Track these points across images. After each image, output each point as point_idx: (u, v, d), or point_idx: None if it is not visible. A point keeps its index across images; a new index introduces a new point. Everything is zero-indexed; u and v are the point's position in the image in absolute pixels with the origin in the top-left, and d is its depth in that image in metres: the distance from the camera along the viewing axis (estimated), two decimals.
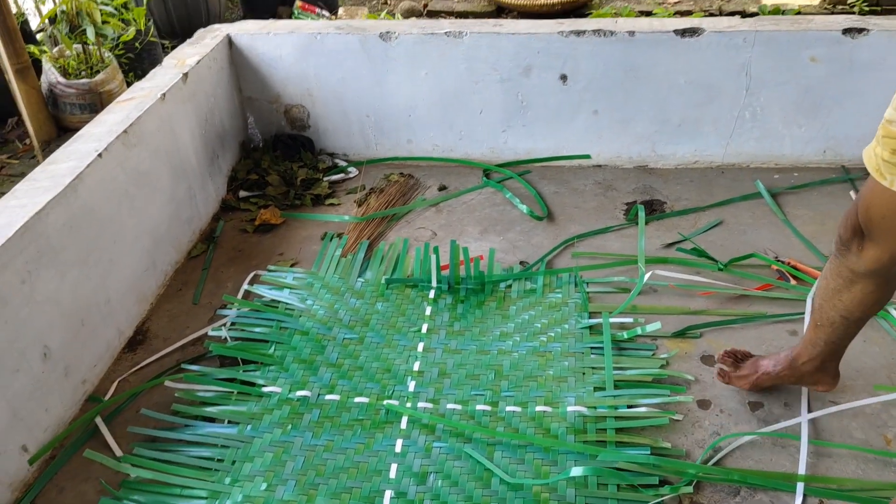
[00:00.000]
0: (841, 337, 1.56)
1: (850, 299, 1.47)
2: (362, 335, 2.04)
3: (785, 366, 1.67)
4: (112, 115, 2.18)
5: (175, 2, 3.96)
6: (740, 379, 1.75)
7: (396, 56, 2.66)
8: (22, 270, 1.67)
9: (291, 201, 2.66)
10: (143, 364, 2.00)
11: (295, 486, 1.62)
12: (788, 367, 1.67)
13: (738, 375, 1.76)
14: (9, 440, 1.64)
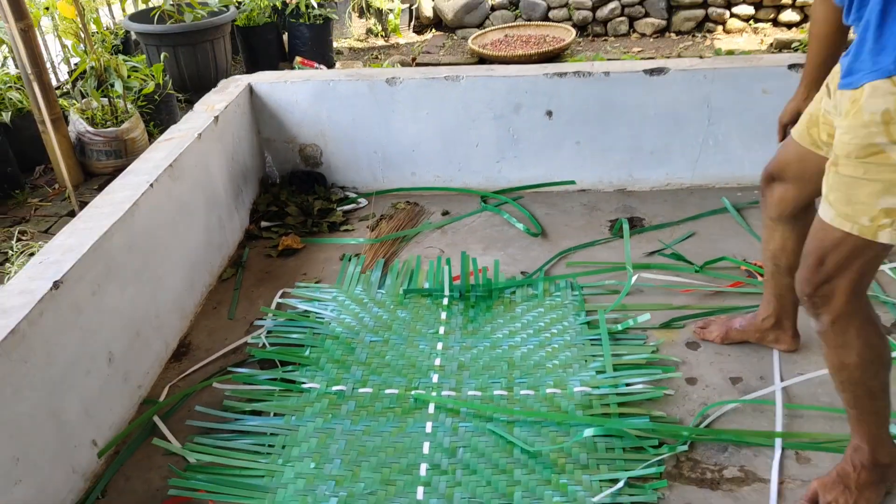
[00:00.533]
0: (783, 288, 1.86)
1: (774, 247, 1.81)
2: (387, 338, 2.23)
3: (749, 323, 1.94)
4: (156, 153, 2.39)
5: (187, 60, 4.22)
6: (712, 333, 2.06)
7: (401, 98, 2.91)
8: (93, 283, 1.86)
9: (309, 229, 2.86)
10: (190, 371, 2.16)
11: (341, 464, 1.79)
12: (751, 324, 1.93)
13: (711, 331, 2.06)
14: (82, 434, 1.79)
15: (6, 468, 1.52)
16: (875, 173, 1.26)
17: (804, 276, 1.44)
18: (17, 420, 1.56)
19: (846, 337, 1.43)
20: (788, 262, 1.81)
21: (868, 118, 1.24)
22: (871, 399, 1.50)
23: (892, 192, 1.26)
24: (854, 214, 1.30)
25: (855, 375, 1.46)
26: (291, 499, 1.69)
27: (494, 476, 1.73)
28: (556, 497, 1.66)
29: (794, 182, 1.71)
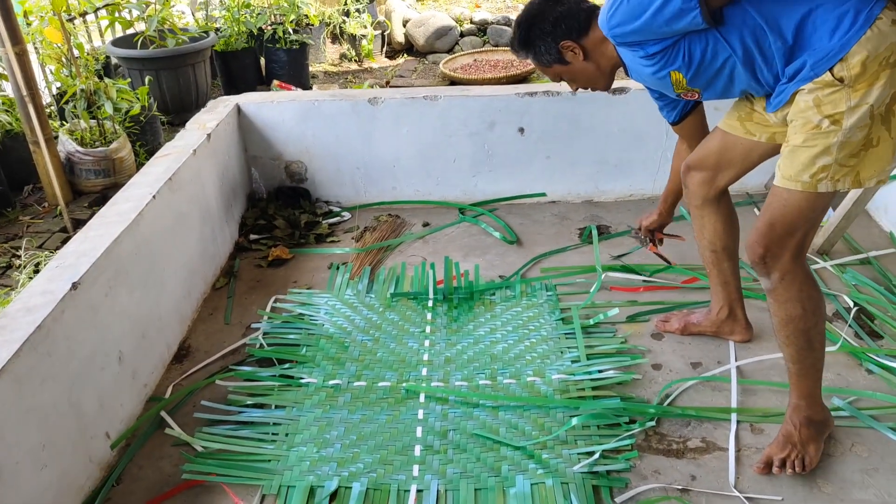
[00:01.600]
0: (727, 275, 2.12)
1: (708, 233, 2.06)
2: (377, 337, 2.39)
3: (704, 318, 2.15)
4: (155, 167, 2.54)
5: (169, 83, 4.36)
6: (672, 325, 2.28)
7: (382, 117, 3.11)
8: (105, 286, 1.99)
9: (297, 241, 3.02)
10: (192, 371, 2.30)
11: (341, 448, 1.94)
12: (707, 319, 2.15)
13: (672, 324, 2.27)
14: (97, 426, 1.92)
15: (34, 453, 1.65)
16: (812, 140, 1.54)
17: (755, 240, 1.68)
18: (43, 409, 1.69)
19: (792, 291, 1.67)
20: (724, 244, 2.08)
21: (803, 105, 1.54)
22: (811, 350, 1.72)
23: (827, 153, 1.53)
24: (797, 174, 1.56)
25: (799, 326, 1.69)
26: (297, 479, 1.84)
27: (483, 453, 1.90)
28: (539, 470, 1.84)
29: (712, 169, 1.98)
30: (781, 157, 1.63)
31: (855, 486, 1.75)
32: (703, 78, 1.68)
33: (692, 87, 1.72)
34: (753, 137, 1.86)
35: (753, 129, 1.86)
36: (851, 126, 1.49)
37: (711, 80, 1.68)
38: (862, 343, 2.23)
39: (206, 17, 5.39)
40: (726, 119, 1.93)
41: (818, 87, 1.51)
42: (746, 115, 1.86)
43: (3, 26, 2.97)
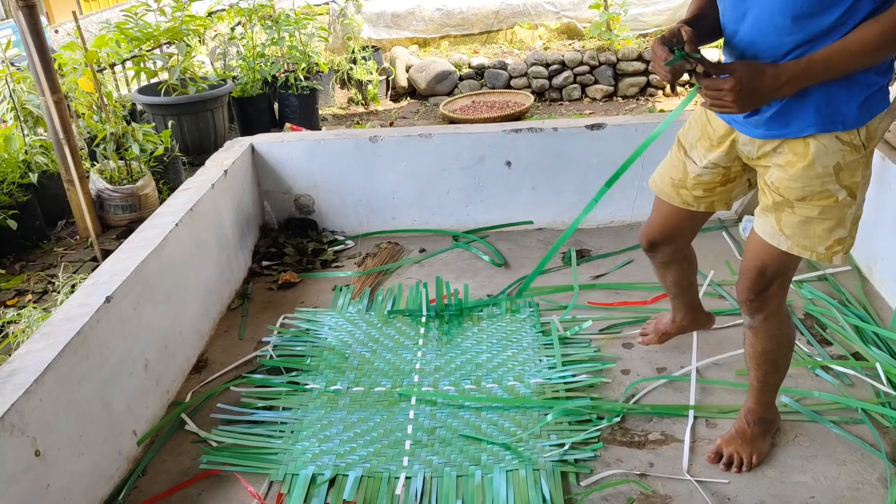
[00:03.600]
0: (688, 297, 2.26)
1: (671, 279, 2.17)
2: (374, 349, 2.62)
3: (670, 323, 2.35)
4: (177, 199, 2.81)
5: (189, 127, 4.68)
6: (651, 339, 2.44)
7: (382, 153, 3.38)
8: (134, 301, 2.24)
9: (305, 266, 3.27)
10: (209, 380, 2.53)
11: (339, 443, 2.16)
12: (673, 325, 2.35)
13: (650, 338, 2.44)
14: (125, 424, 2.15)
15: (73, 442, 1.88)
16: (829, 213, 1.54)
17: (746, 286, 1.72)
18: (80, 403, 1.93)
19: (772, 330, 1.78)
20: (688, 281, 2.20)
21: (822, 171, 1.49)
22: (776, 373, 1.90)
23: (842, 226, 1.56)
24: (812, 245, 1.58)
25: (771, 357, 1.83)
26: (300, 468, 2.05)
27: (466, 446, 2.11)
28: (515, 460, 2.04)
29: (672, 240, 2.00)
30: (781, 214, 1.59)
31: (795, 471, 1.94)
32: None
33: None
34: (691, 208, 1.84)
35: (689, 198, 1.83)
36: (862, 198, 1.54)
37: None
38: (812, 349, 2.43)
39: (223, 67, 5.74)
40: (659, 182, 1.90)
41: (845, 147, 1.47)
42: (680, 180, 1.83)
43: (44, 77, 3.29)
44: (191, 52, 5.03)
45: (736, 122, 1.64)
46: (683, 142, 1.84)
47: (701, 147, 1.77)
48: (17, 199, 3.54)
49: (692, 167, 1.79)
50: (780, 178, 1.56)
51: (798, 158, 1.52)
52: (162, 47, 5.37)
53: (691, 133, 1.80)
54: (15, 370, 1.79)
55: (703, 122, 1.76)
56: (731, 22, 1.54)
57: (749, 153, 1.65)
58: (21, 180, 3.63)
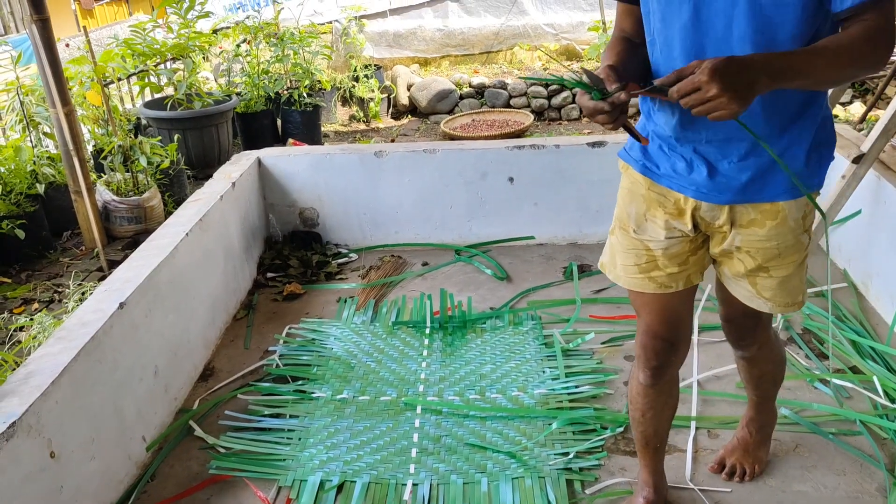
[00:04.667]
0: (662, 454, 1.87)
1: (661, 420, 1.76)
2: (379, 359, 2.65)
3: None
4: (187, 210, 2.85)
5: (194, 141, 4.73)
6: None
7: (387, 168, 3.44)
8: (145, 308, 2.28)
9: (309, 278, 3.31)
10: (216, 388, 2.55)
11: (346, 450, 2.18)
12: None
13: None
14: (135, 430, 2.17)
15: (85, 445, 1.90)
16: (801, 263, 1.49)
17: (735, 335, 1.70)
18: (93, 408, 1.95)
19: (766, 355, 1.80)
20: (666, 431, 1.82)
21: (793, 224, 1.43)
22: (774, 386, 1.91)
23: (806, 268, 1.54)
24: (793, 300, 1.53)
25: (770, 377, 1.86)
26: (309, 473, 2.07)
27: (472, 454, 2.14)
28: (521, 468, 2.07)
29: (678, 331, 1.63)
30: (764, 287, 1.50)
31: (795, 480, 1.97)
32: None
33: None
34: (670, 290, 1.56)
35: (664, 279, 1.55)
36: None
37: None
38: (811, 363, 2.47)
39: (227, 83, 5.82)
40: (624, 274, 1.60)
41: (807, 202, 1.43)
42: (647, 263, 1.55)
43: (56, 90, 3.34)
44: (196, 68, 5.10)
45: (701, 190, 1.42)
46: (626, 223, 1.56)
47: (657, 218, 1.51)
48: (24, 209, 3.57)
49: (655, 244, 1.52)
50: (750, 240, 1.44)
51: (768, 216, 1.42)
52: (167, 63, 5.44)
53: (632, 208, 1.54)
54: (31, 373, 1.82)
55: (643, 192, 1.51)
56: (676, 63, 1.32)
57: (713, 219, 1.46)
58: (28, 191, 3.66)
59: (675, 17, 1.32)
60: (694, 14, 1.29)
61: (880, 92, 5.51)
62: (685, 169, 1.44)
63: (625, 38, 1.51)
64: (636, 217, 1.53)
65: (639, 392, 1.72)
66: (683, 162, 1.44)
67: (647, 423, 1.74)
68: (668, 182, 1.46)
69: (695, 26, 1.29)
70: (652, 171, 1.49)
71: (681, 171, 1.45)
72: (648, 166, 1.50)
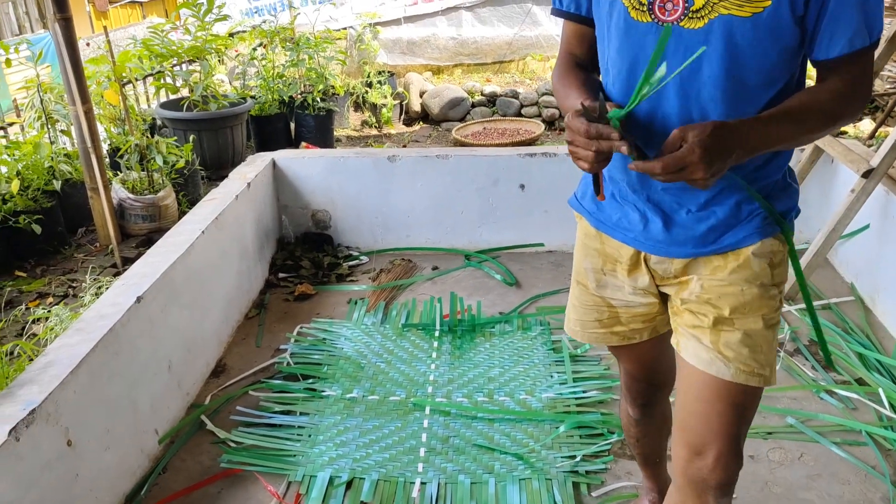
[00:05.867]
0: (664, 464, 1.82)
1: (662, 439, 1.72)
2: (389, 360, 2.68)
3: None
4: (203, 209, 2.89)
5: (209, 142, 4.79)
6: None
7: (399, 173, 3.47)
8: (161, 303, 2.31)
9: (320, 279, 3.34)
10: (227, 384, 2.59)
11: (355, 448, 2.21)
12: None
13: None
14: (148, 423, 2.20)
15: (101, 436, 1.93)
16: (770, 327, 1.25)
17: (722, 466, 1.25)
18: (109, 399, 1.99)
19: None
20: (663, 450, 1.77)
21: (758, 269, 1.23)
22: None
23: (775, 336, 1.28)
24: (759, 367, 1.23)
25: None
26: (319, 469, 2.10)
27: (479, 455, 2.16)
28: (528, 469, 2.10)
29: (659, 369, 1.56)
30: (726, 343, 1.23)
31: (801, 489, 1.99)
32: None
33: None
34: (634, 340, 1.44)
35: (628, 332, 1.44)
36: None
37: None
38: (817, 374, 2.49)
39: (242, 86, 5.88)
40: (581, 330, 1.48)
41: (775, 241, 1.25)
42: (609, 319, 1.43)
43: (76, 88, 3.40)
44: (212, 71, 5.16)
45: (657, 245, 1.28)
46: (584, 279, 1.45)
47: (619, 273, 1.37)
48: (41, 204, 3.62)
49: (618, 301, 1.40)
50: (712, 284, 1.25)
51: (730, 260, 1.25)
52: (183, 65, 5.51)
53: (588, 262, 1.42)
54: (50, 362, 1.85)
55: (598, 245, 1.39)
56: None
57: (665, 272, 1.31)
58: (46, 187, 3.71)
59: (636, 51, 1.16)
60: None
61: (890, 109, 5.53)
62: (639, 221, 1.29)
63: (579, 65, 1.34)
64: (594, 272, 1.41)
65: (630, 423, 1.69)
66: (637, 213, 1.29)
67: (644, 446, 1.74)
68: (621, 236, 1.32)
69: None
70: (604, 224, 1.35)
71: (634, 224, 1.30)
72: (601, 219, 1.36)
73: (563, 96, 1.29)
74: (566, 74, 1.32)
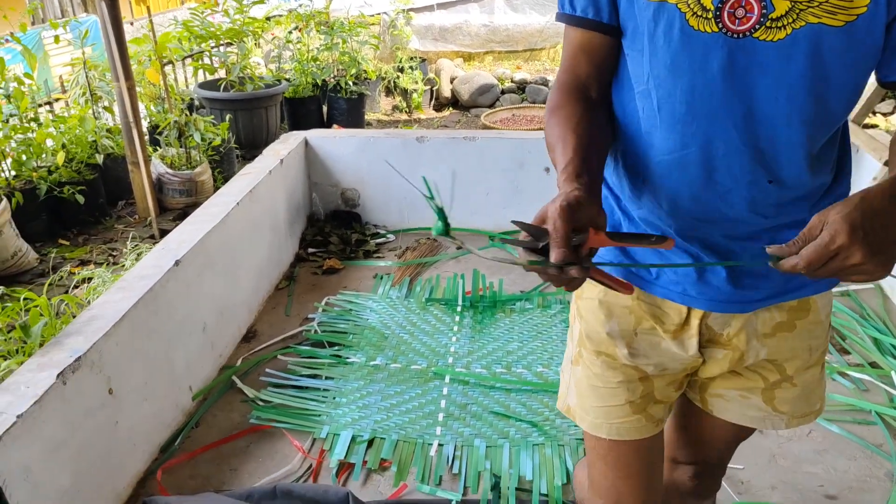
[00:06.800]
0: None
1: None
2: (412, 332, 2.77)
3: None
4: (237, 183, 3.01)
5: (244, 122, 4.92)
6: None
7: (427, 153, 3.56)
8: (198, 269, 2.43)
9: (348, 255, 3.45)
10: (258, 349, 2.70)
11: (377, 410, 2.31)
12: None
13: None
14: (183, 380, 2.33)
15: (140, 388, 2.06)
16: (824, 363, 1.14)
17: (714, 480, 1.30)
18: (148, 354, 2.11)
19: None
20: None
21: (824, 318, 1.10)
22: None
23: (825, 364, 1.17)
24: (811, 407, 1.14)
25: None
26: (342, 428, 2.21)
27: (495, 421, 2.25)
28: (542, 437, 2.18)
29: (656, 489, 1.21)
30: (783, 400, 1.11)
31: (807, 462, 2.04)
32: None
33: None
34: (660, 427, 1.16)
35: (661, 411, 1.14)
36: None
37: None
38: (831, 357, 2.52)
39: (278, 69, 6.00)
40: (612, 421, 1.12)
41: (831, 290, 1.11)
42: (644, 398, 1.12)
43: (120, 64, 3.53)
44: (249, 53, 5.28)
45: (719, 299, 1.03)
46: (608, 348, 1.12)
47: (660, 332, 1.09)
48: (84, 176, 3.78)
49: (654, 367, 1.11)
50: (780, 349, 1.07)
51: (796, 314, 1.07)
52: (221, 47, 5.64)
53: (614, 324, 1.10)
54: (94, 316, 1.98)
55: (628, 303, 1.09)
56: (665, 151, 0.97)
57: (722, 328, 1.06)
58: (89, 160, 3.87)
59: (695, 72, 0.90)
60: (728, 65, 0.89)
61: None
62: (693, 270, 1.02)
63: (581, 92, 1.01)
64: (624, 336, 1.10)
65: None
66: (687, 258, 1.03)
67: None
68: (665, 292, 1.05)
69: (728, 84, 0.90)
70: (639, 276, 1.07)
71: (687, 275, 1.03)
72: (633, 270, 1.07)
73: (550, 146, 0.97)
74: (559, 109, 0.99)
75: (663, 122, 0.95)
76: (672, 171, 0.96)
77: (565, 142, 0.93)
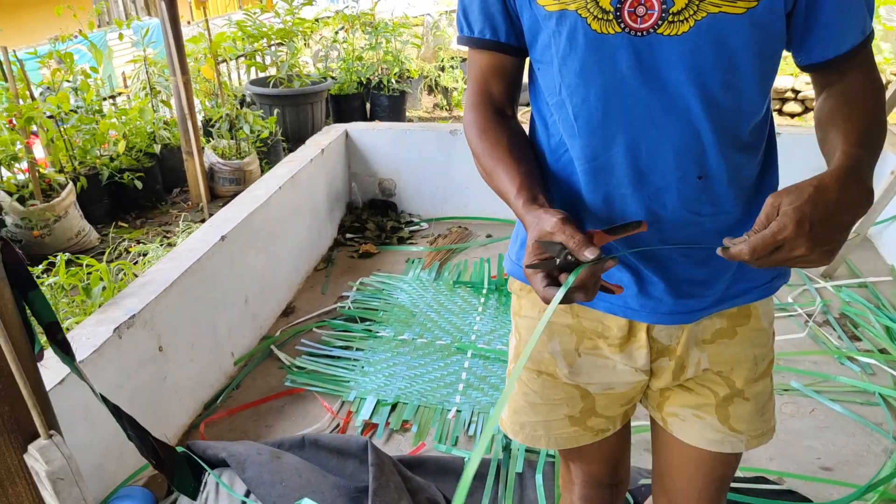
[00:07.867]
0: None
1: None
2: (439, 311, 2.92)
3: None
4: (280, 169, 3.21)
5: (291, 117, 5.15)
6: None
7: (460, 146, 3.70)
8: (242, 244, 2.63)
9: (383, 241, 3.62)
10: (295, 322, 2.89)
11: (402, 379, 2.46)
12: None
13: None
14: (226, 346, 2.52)
15: (186, 348, 2.26)
16: (770, 374, 1.10)
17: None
18: (194, 318, 2.31)
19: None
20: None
21: (766, 324, 1.08)
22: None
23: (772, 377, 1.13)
24: (766, 425, 1.11)
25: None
26: (368, 393, 2.37)
27: None
28: None
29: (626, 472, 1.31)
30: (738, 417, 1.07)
31: (807, 437, 2.11)
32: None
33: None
34: (608, 432, 1.16)
35: (602, 423, 1.15)
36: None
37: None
38: (842, 343, 2.57)
39: (325, 67, 6.23)
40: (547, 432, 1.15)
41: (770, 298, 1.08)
42: (584, 413, 1.12)
43: (177, 60, 3.78)
44: (297, 52, 5.52)
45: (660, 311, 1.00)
46: (550, 367, 1.11)
47: (604, 349, 1.07)
48: (142, 164, 4.04)
49: (597, 385, 1.10)
50: (722, 357, 1.05)
51: (736, 320, 1.05)
52: (272, 46, 5.90)
53: (555, 345, 1.09)
54: (148, 281, 2.18)
55: (569, 321, 1.08)
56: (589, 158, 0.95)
57: (667, 340, 1.04)
58: (147, 149, 4.14)
59: (606, 74, 0.89)
60: (636, 64, 0.88)
61: None
62: (632, 283, 1.00)
63: (498, 112, 1.04)
64: (566, 356, 1.09)
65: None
66: (627, 272, 1.00)
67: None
68: (608, 306, 1.03)
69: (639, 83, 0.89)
70: None
71: (628, 287, 1.00)
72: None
73: (489, 169, 1.01)
74: (487, 132, 1.02)
75: (581, 129, 0.94)
76: (599, 177, 0.94)
77: (507, 166, 0.96)
